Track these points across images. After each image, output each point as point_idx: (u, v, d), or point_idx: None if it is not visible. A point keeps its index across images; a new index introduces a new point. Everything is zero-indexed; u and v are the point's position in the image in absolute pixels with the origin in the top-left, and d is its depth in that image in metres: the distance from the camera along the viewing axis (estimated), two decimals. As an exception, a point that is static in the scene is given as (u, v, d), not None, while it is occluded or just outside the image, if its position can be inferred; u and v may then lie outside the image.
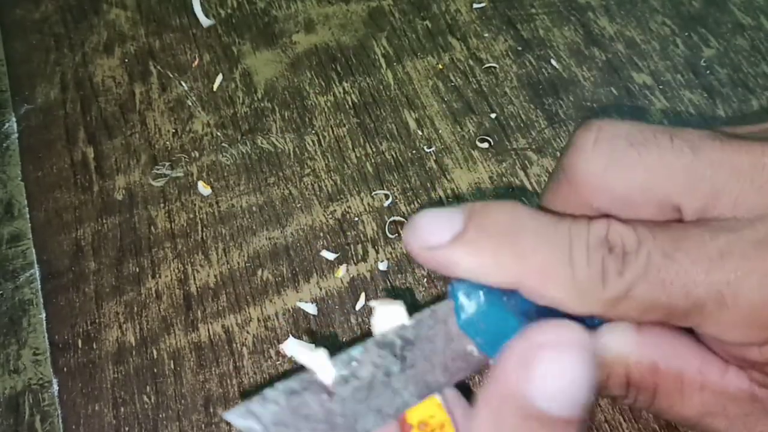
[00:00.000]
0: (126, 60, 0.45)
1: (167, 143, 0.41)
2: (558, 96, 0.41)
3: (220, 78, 0.44)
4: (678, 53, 0.42)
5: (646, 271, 0.21)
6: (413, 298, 0.35)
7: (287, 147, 0.41)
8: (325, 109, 0.42)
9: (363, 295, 0.35)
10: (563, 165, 0.24)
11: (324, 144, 0.40)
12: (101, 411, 0.33)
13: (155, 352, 0.34)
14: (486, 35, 0.44)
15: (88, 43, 0.46)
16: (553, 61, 0.42)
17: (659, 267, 0.21)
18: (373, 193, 0.38)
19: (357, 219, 0.38)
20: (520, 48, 0.43)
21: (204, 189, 0.39)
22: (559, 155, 0.25)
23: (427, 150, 0.40)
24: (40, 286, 0.37)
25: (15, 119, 0.43)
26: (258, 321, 0.35)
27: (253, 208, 0.38)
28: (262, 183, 0.39)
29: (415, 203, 0.38)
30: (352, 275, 0.36)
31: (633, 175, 0.22)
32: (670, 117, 0.40)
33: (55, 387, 0.34)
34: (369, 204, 0.38)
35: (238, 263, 0.37)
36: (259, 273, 0.36)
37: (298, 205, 0.38)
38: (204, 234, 0.38)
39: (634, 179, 0.22)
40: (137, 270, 0.37)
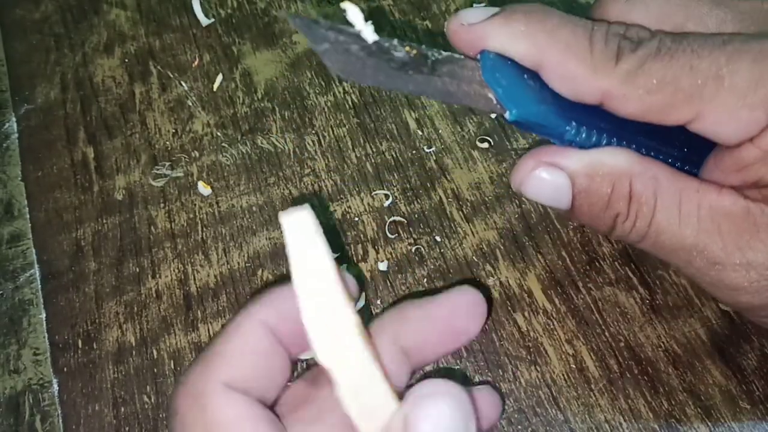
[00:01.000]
0: (126, 60, 0.45)
1: (167, 143, 0.41)
2: (558, 96, 0.41)
3: (220, 78, 0.44)
4: (678, 53, 0.42)
5: (657, 50, 0.24)
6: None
7: (287, 147, 0.41)
8: (325, 109, 0.42)
9: (363, 296, 0.35)
10: (593, 12, 0.28)
11: (324, 144, 0.40)
12: (101, 411, 0.33)
13: (155, 352, 0.34)
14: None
15: (88, 43, 0.46)
16: (553, 61, 0.42)
17: (669, 47, 0.24)
18: (373, 193, 0.38)
19: (357, 219, 0.38)
20: (520, 48, 0.43)
21: (204, 189, 0.39)
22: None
23: (427, 150, 0.40)
24: (40, 286, 0.37)
25: (15, 119, 0.43)
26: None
27: (253, 208, 0.38)
28: (262, 183, 0.39)
29: (415, 203, 0.38)
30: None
31: (650, 8, 0.26)
32: None
33: (55, 387, 0.34)
34: (369, 204, 0.38)
35: (238, 263, 0.37)
36: (259, 273, 0.36)
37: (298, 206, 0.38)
38: (204, 234, 0.38)
39: (650, 12, 0.26)
40: (137, 270, 0.37)
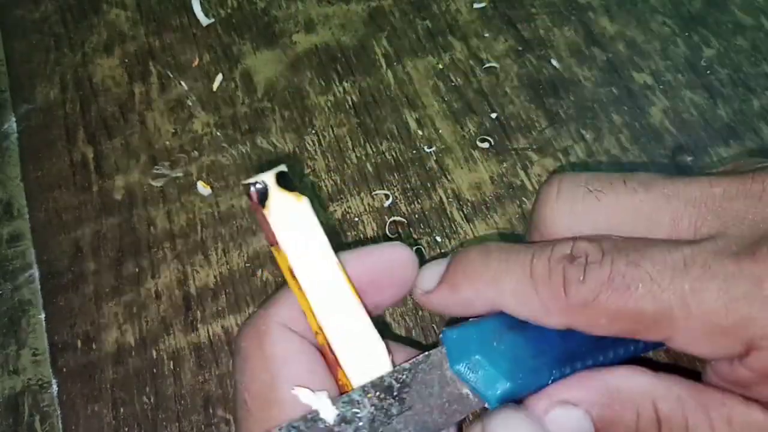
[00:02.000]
0: (126, 60, 0.45)
1: (167, 143, 0.41)
2: (558, 96, 0.41)
3: (220, 78, 0.43)
4: (678, 53, 0.42)
5: (610, 278, 0.22)
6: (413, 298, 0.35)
7: (287, 147, 0.40)
8: (325, 109, 0.42)
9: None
10: (533, 219, 0.26)
11: (324, 144, 0.40)
12: (101, 411, 0.33)
13: (155, 352, 0.34)
14: (486, 35, 0.44)
15: (88, 43, 0.46)
16: (554, 61, 0.42)
17: (624, 273, 0.22)
18: (373, 193, 0.38)
19: (357, 219, 0.37)
20: (520, 48, 0.43)
21: (204, 189, 0.39)
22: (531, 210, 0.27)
23: (428, 150, 0.40)
24: (39, 286, 0.37)
25: (15, 119, 0.43)
26: (258, 321, 0.35)
27: (253, 208, 0.38)
28: (261, 183, 0.39)
29: (415, 203, 0.38)
30: (352, 275, 0.36)
31: (595, 219, 0.24)
32: (670, 117, 0.40)
33: (55, 387, 0.34)
34: (369, 204, 0.38)
35: (237, 263, 0.37)
36: (259, 273, 0.36)
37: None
38: (203, 234, 0.38)
39: (597, 222, 0.24)
40: (137, 270, 0.37)
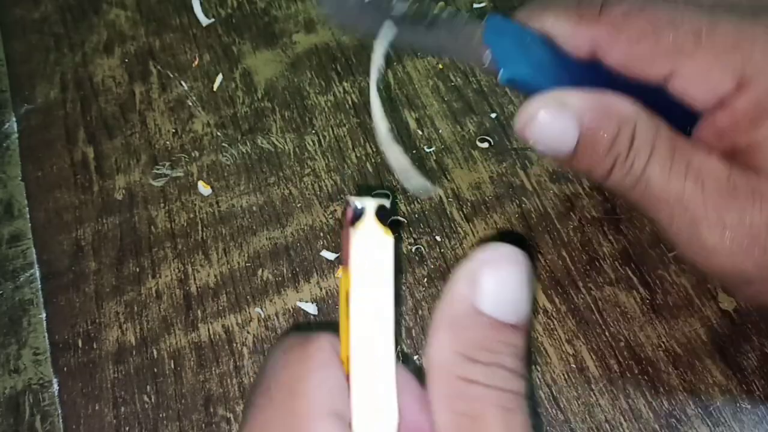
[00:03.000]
0: (126, 60, 0.45)
1: (167, 143, 0.41)
2: (558, 96, 0.41)
3: (220, 78, 0.44)
4: (678, 53, 0.42)
5: (641, 8, 0.25)
6: (413, 298, 0.35)
7: (287, 147, 0.41)
8: (326, 109, 0.42)
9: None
10: None
11: (324, 144, 0.40)
12: (101, 411, 0.33)
13: (155, 351, 0.34)
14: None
15: (88, 43, 0.46)
16: (553, 61, 0.42)
17: (653, 9, 0.25)
18: (373, 193, 0.38)
19: (357, 219, 0.38)
20: (520, 48, 0.43)
21: (204, 189, 0.39)
22: None
23: (427, 150, 0.40)
24: (40, 285, 0.37)
25: (15, 119, 0.43)
26: (258, 321, 0.35)
27: (254, 208, 0.38)
28: (262, 183, 0.39)
29: (415, 203, 0.38)
30: (352, 275, 0.36)
31: None
32: None
33: (56, 387, 0.34)
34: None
35: (238, 263, 0.37)
36: (260, 273, 0.36)
37: (298, 205, 0.38)
38: (204, 234, 0.38)
39: None
40: (137, 270, 0.37)
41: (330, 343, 0.24)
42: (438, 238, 0.37)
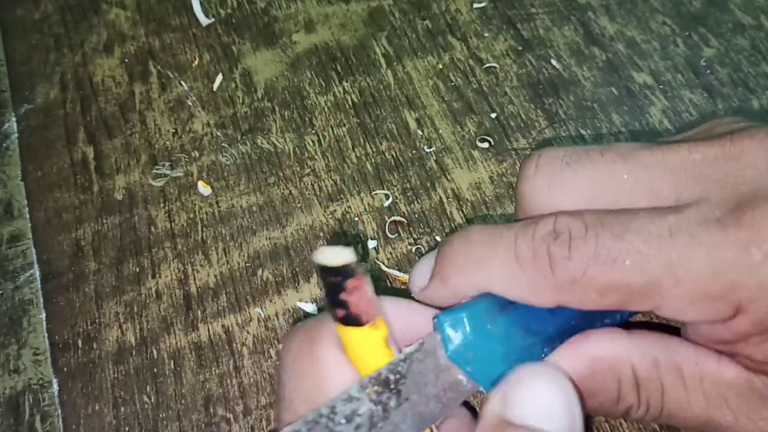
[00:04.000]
0: (126, 60, 0.45)
1: (167, 143, 0.41)
2: (558, 96, 0.41)
3: (220, 78, 0.44)
4: (678, 53, 0.42)
5: (596, 253, 0.22)
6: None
7: (287, 147, 0.41)
8: (325, 109, 0.42)
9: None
10: (516, 196, 0.26)
11: (324, 144, 0.40)
12: (101, 411, 0.33)
13: (155, 351, 0.34)
14: (486, 35, 0.44)
15: (87, 43, 0.46)
16: (554, 61, 0.42)
17: (610, 247, 0.22)
18: (373, 193, 0.38)
19: (357, 219, 0.38)
20: (520, 48, 0.43)
21: (204, 189, 0.39)
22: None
23: (427, 150, 0.40)
24: (40, 286, 0.37)
25: (15, 119, 0.43)
26: (258, 321, 0.35)
27: (253, 208, 0.38)
28: (262, 183, 0.39)
29: (415, 203, 0.38)
30: (352, 275, 0.36)
31: (575, 192, 0.24)
32: (670, 117, 0.40)
33: (55, 387, 0.34)
34: (369, 204, 0.38)
35: (238, 263, 0.37)
36: (259, 273, 0.36)
37: (298, 205, 0.38)
38: (204, 234, 0.38)
39: (577, 195, 0.24)
40: (137, 270, 0.37)
41: (331, 326, 0.24)
42: (438, 238, 0.37)
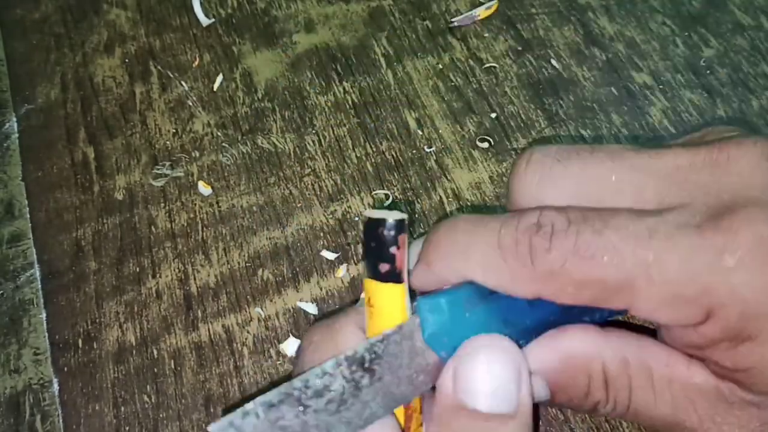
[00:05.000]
0: (126, 60, 0.45)
1: (167, 143, 0.41)
2: (558, 96, 0.41)
3: (220, 78, 0.44)
4: (678, 53, 0.42)
5: (576, 247, 0.22)
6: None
7: (287, 147, 0.41)
8: (326, 109, 0.42)
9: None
10: (507, 190, 0.27)
11: (324, 144, 0.40)
12: (101, 410, 0.33)
13: (156, 351, 0.34)
14: (486, 35, 0.44)
15: (88, 43, 0.46)
16: (553, 61, 0.42)
17: (589, 243, 0.22)
18: (373, 193, 0.38)
19: (357, 219, 0.38)
20: (520, 48, 0.43)
21: (204, 189, 0.39)
22: None
23: (427, 150, 0.40)
24: (40, 285, 0.37)
25: (15, 119, 0.43)
26: (258, 321, 0.35)
27: (254, 208, 0.38)
28: (262, 183, 0.39)
29: (415, 203, 0.38)
30: (352, 275, 0.36)
31: (563, 188, 0.25)
32: (670, 117, 0.40)
33: (56, 387, 0.34)
34: (369, 204, 0.38)
35: (238, 263, 0.37)
36: (260, 273, 0.36)
37: (298, 205, 0.38)
38: (204, 234, 0.38)
39: (563, 190, 0.25)
40: (137, 270, 0.37)
41: (351, 319, 0.25)
42: (438, 238, 0.37)
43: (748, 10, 0.44)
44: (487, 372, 0.23)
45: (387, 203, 0.38)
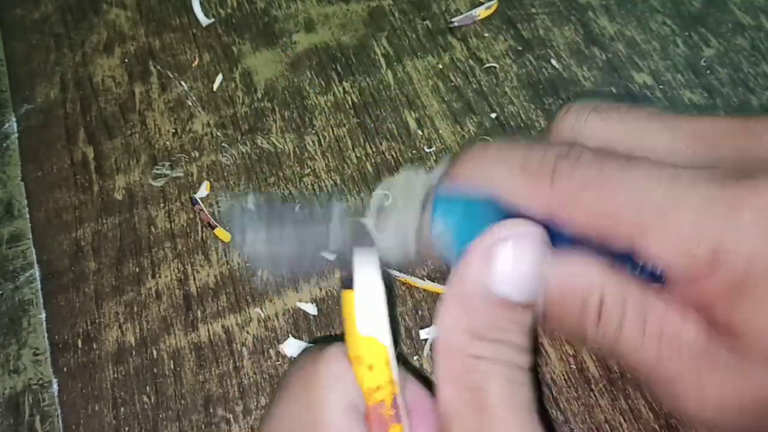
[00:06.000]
0: (126, 60, 0.45)
1: (167, 143, 0.41)
2: (558, 96, 0.41)
3: (220, 78, 0.44)
4: (678, 53, 0.42)
5: (598, 176, 0.23)
6: (413, 298, 0.35)
7: (287, 147, 0.41)
8: (325, 109, 0.42)
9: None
10: (548, 134, 0.28)
11: (324, 144, 0.40)
12: (101, 411, 0.33)
13: (155, 352, 0.34)
14: (486, 35, 0.44)
15: (88, 43, 0.46)
16: (553, 61, 0.42)
17: (612, 177, 0.23)
18: (374, 193, 0.38)
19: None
20: (520, 48, 0.43)
21: (204, 189, 0.39)
22: None
23: (427, 150, 0.40)
24: (40, 286, 0.37)
25: (15, 119, 0.43)
26: (258, 321, 0.35)
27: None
28: (262, 183, 0.39)
29: (415, 203, 0.38)
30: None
31: (597, 135, 0.25)
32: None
33: (55, 387, 0.34)
34: (369, 204, 0.38)
35: (238, 263, 0.37)
36: (259, 273, 0.36)
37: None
38: (204, 234, 0.38)
39: (597, 138, 0.25)
40: (137, 270, 0.37)
41: (339, 350, 0.25)
42: (438, 238, 0.37)
43: (748, 9, 0.44)
44: (524, 262, 0.22)
45: (387, 203, 0.38)
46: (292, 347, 0.34)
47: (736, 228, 0.22)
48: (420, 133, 0.40)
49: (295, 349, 0.34)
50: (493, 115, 0.41)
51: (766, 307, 0.22)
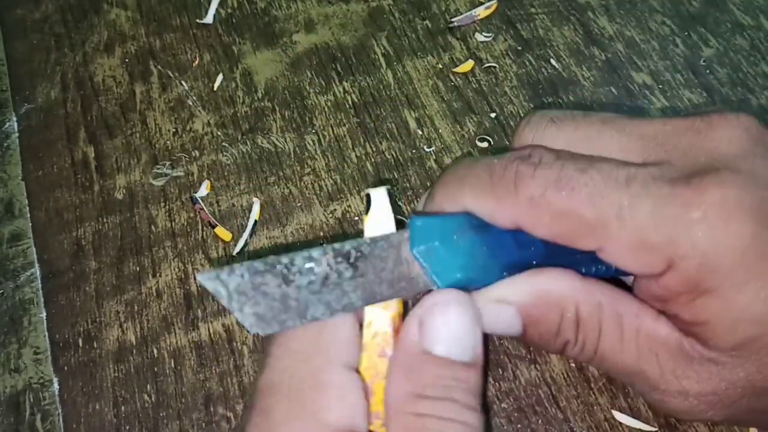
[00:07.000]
0: (126, 60, 0.45)
1: (168, 143, 0.41)
2: (558, 96, 0.41)
3: (220, 77, 0.44)
4: (677, 53, 0.42)
5: (558, 178, 0.24)
6: (413, 298, 0.35)
7: (287, 146, 0.41)
8: (325, 109, 0.42)
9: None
10: (513, 141, 0.29)
11: (324, 143, 0.40)
12: (102, 410, 0.33)
13: (156, 350, 0.35)
14: (486, 35, 0.44)
15: (88, 43, 0.46)
16: (553, 61, 0.43)
17: (571, 176, 0.24)
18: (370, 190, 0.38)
19: (357, 218, 0.38)
20: (520, 48, 0.43)
21: (204, 188, 0.39)
22: None
23: (427, 150, 0.40)
24: (40, 285, 0.37)
25: (15, 119, 0.43)
26: (258, 320, 0.35)
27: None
28: (262, 182, 0.39)
29: (415, 203, 0.38)
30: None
31: (555, 144, 0.26)
32: (669, 117, 0.40)
33: (56, 386, 0.34)
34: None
35: (238, 263, 0.37)
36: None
37: (298, 205, 0.38)
38: (204, 233, 0.38)
39: (556, 145, 0.26)
40: (138, 269, 0.37)
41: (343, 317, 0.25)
42: (438, 237, 0.37)
43: (747, 9, 0.44)
44: (454, 323, 0.24)
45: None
46: None
47: (685, 227, 0.23)
48: (420, 133, 0.40)
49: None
50: (493, 115, 0.41)
51: (720, 300, 0.23)
